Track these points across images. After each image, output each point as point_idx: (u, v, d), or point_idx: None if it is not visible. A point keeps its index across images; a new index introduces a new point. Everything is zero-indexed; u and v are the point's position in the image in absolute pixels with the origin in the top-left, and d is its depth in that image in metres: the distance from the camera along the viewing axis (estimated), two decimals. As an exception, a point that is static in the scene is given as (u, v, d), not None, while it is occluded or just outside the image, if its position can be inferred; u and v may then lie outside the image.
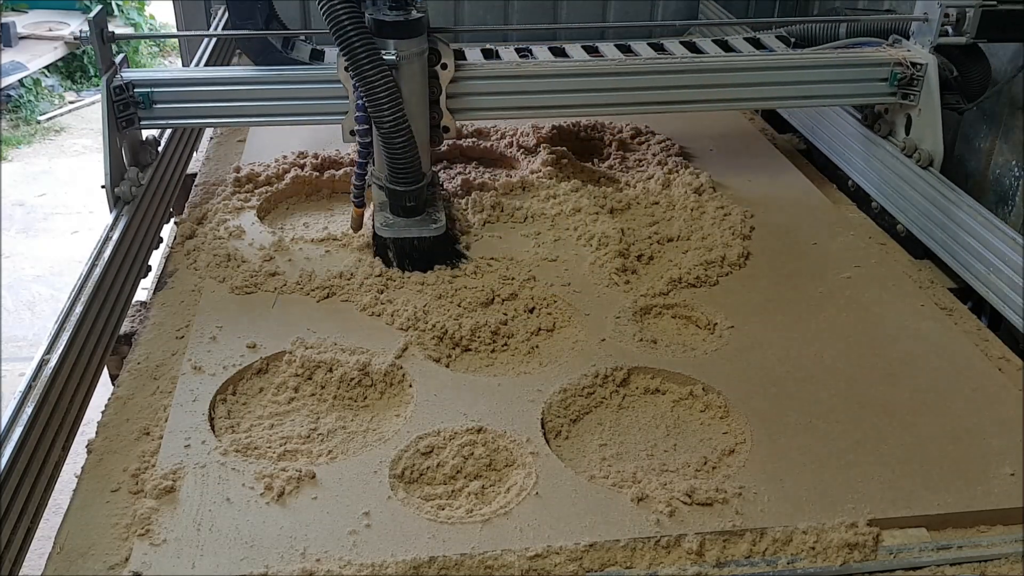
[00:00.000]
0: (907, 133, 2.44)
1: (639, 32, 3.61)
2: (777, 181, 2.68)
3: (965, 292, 2.17)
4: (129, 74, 2.23)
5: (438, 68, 2.20)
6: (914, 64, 2.38)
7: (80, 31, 2.12)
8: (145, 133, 2.35)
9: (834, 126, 2.76)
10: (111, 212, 2.12)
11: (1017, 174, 2.55)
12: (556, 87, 2.36)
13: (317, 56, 2.47)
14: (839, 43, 2.65)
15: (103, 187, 2.13)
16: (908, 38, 2.47)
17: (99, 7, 2.21)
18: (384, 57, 1.96)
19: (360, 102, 2.03)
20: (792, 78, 2.44)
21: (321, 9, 1.91)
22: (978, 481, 1.56)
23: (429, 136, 2.23)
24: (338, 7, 1.89)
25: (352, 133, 2.19)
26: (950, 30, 2.35)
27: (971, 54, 2.42)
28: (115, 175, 2.14)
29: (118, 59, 2.23)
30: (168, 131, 2.50)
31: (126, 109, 2.21)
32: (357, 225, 2.26)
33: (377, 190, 2.19)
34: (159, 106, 2.26)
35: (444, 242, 2.17)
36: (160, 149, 2.40)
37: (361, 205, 2.21)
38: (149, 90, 2.23)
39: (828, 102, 2.60)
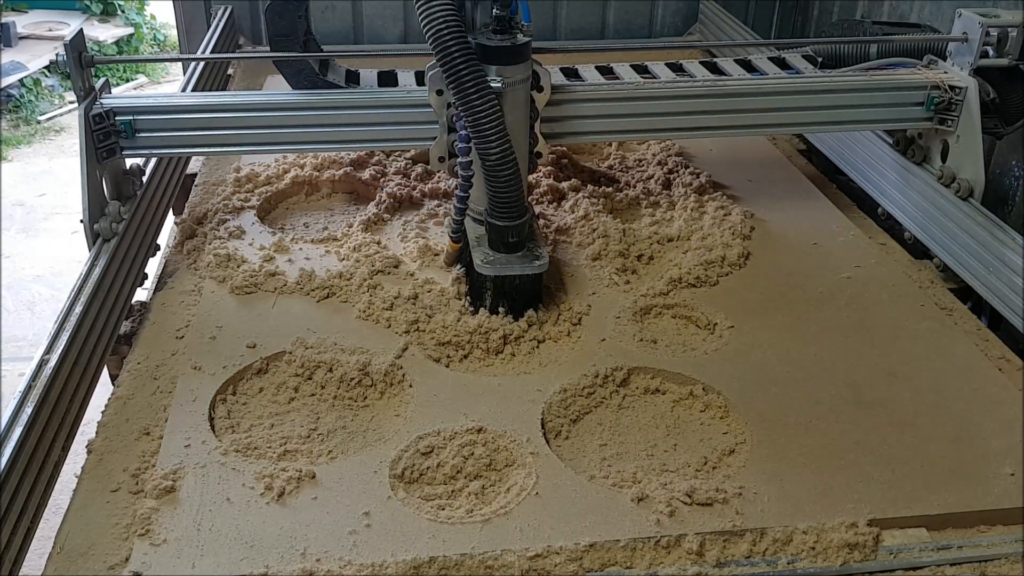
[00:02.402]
0: (943, 160, 2.29)
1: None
2: (777, 181, 2.68)
3: (965, 292, 2.17)
4: (110, 101, 2.05)
5: (533, 92, 2.02)
6: (953, 87, 2.23)
7: (56, 54, 1.95)
8: (129, 161, 2.15)
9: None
10: (89, 251, 1.93)
11: (1017, 174, 2.55)
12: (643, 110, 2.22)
13: (353, 79, 2.26)
14: (871, 64, 2.47)
15: (81, 222, 1.95)
16: (944, 58, 2.32)
17: (77, 29, 2.01)
18: (491, 85, 1.83)
19: (463, 132, 1.88)
20: (823, 102, 2.29)
21: (424, 30, 1.78)
22: (978, 481, 1.56)
23: (528, 165, 2.08)
24: (444, 30, 1.76)
25: (441, 160, 2.06)
26: (990, 51, 2.23)
27: (1010, 76, 2.27)
28: (95, 210, 1.96)
29: (99, 84, 2.06)
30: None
31: (107, 139, 2.03)
32: (451, 261, 2.13)
33: (473, 224, 2.03)
34: (143, 135, 2.07)
35: (540, 281, 2.00)
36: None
37: (459, 240, 2.07)
38: (131, 118, 2.04)
39: (860, 127, 2.45)
